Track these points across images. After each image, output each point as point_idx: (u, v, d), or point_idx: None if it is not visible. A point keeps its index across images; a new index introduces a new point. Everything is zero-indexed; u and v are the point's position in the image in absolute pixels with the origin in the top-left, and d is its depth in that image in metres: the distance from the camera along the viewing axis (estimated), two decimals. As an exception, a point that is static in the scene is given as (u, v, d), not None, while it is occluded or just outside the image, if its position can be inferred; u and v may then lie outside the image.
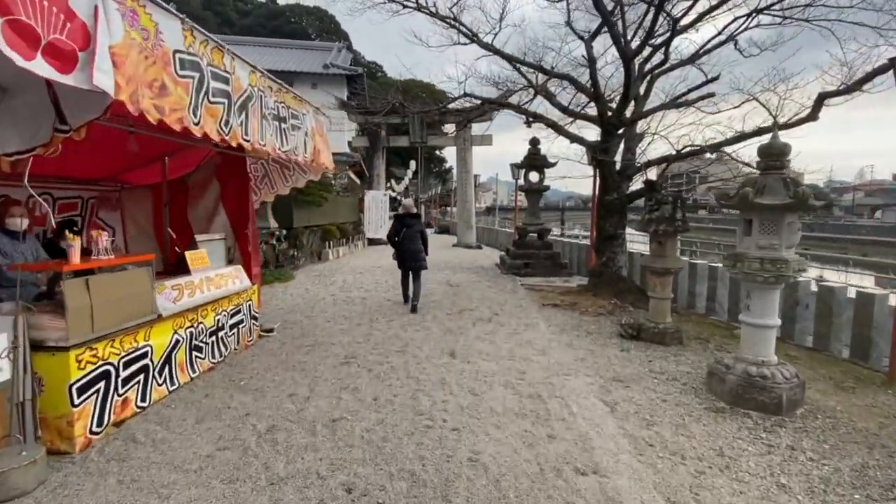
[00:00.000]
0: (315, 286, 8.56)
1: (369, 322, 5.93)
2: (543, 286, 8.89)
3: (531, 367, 4.37)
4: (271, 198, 5.75)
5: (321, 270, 10.75)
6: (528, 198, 11.04)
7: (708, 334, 5.86)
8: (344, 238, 14.71)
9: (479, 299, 7.43)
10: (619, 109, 7.09)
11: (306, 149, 4.64)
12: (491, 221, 31.84)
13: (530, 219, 10.90)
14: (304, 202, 11.83)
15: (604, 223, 7.83)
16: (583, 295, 7.75)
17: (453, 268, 11.36)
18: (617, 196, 7.71)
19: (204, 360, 4.02)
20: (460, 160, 16.75)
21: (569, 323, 6.16)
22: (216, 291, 4.19)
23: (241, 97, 3.45)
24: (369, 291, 8.08)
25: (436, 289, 8.34)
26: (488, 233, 20.11)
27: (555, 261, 10.47)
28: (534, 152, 10.68)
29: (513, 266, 10.33)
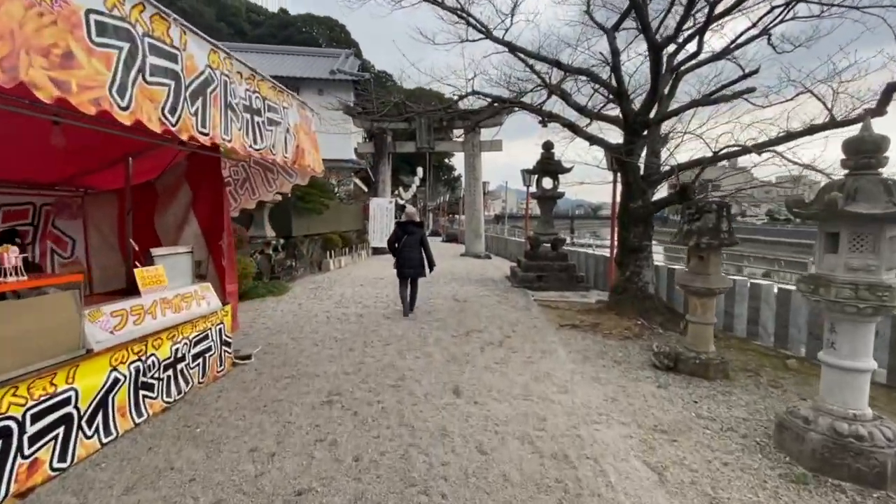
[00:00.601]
0: (310, 300, 7.88)
1: (363, 346, 5.20)
2: (559, 302, 8.09)
3: (552, 410, 3.59)
4: (252, 205, 5.09)
5: (320, 282, 10.08)
6: (541, 205, 10.29)
7: (756, 365, 5.04)
8: (347, 247, 14.08)
9: (488, 318, 6.67)
10: (646, 107, 6.34)
11: (286, 148, 3.97)
12: (500, 230, 31.07)
13: (543, 228, 10.14)
14: (303, 209, 11.23)
15: (627, 234, 7.04)
16: (604, 314, 6.95)
17: (461, 280, 10.62)
18: (642, 204, 6.93)
19: (156, 399, 3.32)
20: (469, 166, 16.08)
21: (592, 349, 5.37)
22: (174, 316, 3.50)
23: (195, 80, 2.78)
24: (367, 307, 7.36)
25: (441, 305, 7.60)
26: (498, 242, 19.35)
27: (570, 274, 9.68)
28: (547, 157, 9.96)
29: (525, 279, 9.56)
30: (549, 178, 10.02)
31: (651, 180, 7.05)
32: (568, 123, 7.08)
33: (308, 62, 22.69)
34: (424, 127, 15.86)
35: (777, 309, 5.90)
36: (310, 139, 4.53)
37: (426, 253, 6.83)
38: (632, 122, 6.47)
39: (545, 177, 10.03)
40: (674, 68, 6.42)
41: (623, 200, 7.19)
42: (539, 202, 10.27)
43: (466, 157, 16.05)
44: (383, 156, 16.64)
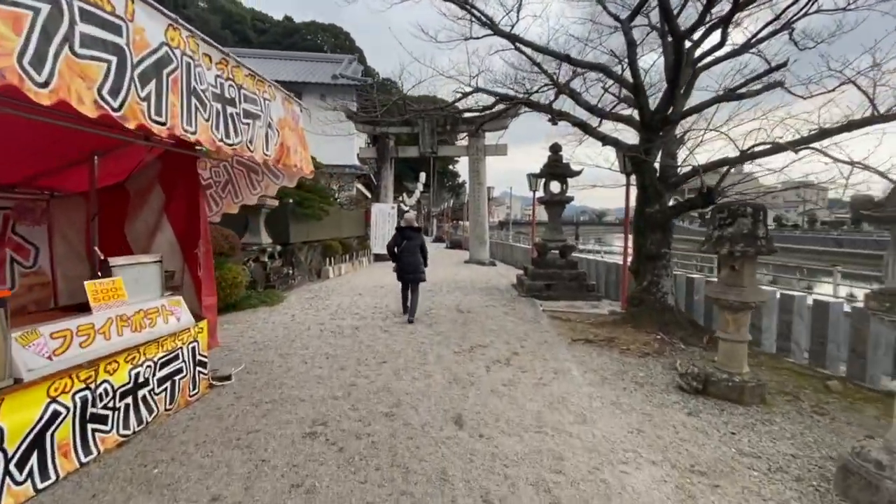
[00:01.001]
0: (305, 311, 7.42)
1: (356, 364, 4.72)
2: (570, 314, 7.58)
3: (570, 445, 3.09)
4: (235, 209, 4.65)
5: (317, 291, 9.63)
6: (549, 210, 9.81)
7: (793, 386, 4.51)
8: (347, 254, 13.65)
9: (494, 331, 6.17)
10: (664, 103, 5.87)
11: (268, 144, 3.53)
12: (504, 236, 30.58)
13: (551, 234, 9.65)
14: (302, 216, 10.82)
15: (644, 240, 6.54)
16: (620, 327, 6.43)
17: (464, 288, 10.13)
18: (659, 208, 6.44)
19: (109, 433, 2.86)
20: (473, 171, 15.65)
21: (609, 368, 4.86)
22: (135, 335, 3.05)
23: (147, 59, 2.35)
24: (364, 318, 6.89)
25: (443, 316, 7.11)
26: (502, 248, 18.85)
27: (580, 282, 9.16)
28: (555, 160, 9.49)
29: (532, 288, 9.05)
30: (557, 181, 9.54)
31: (669, 183, 6.56)
32: (579, 122, 6.62)
33: (311, 67, 22.49)
34: (427, 131, 15.48)
35: (812, 324, 5.37)
36: (297, 136, 4.09)
37: (423, 256, 6.98)
38: (649, 120, 5.99)
39: (553, 180, 9.56)
40: (693, 62, 5.95)
41: (638, 205, 6.70)
42: (546, 207, 9.79)
43: (470, 162, 15.63)
44: (385, 161, 16.26)
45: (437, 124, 15.32)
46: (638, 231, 6.69)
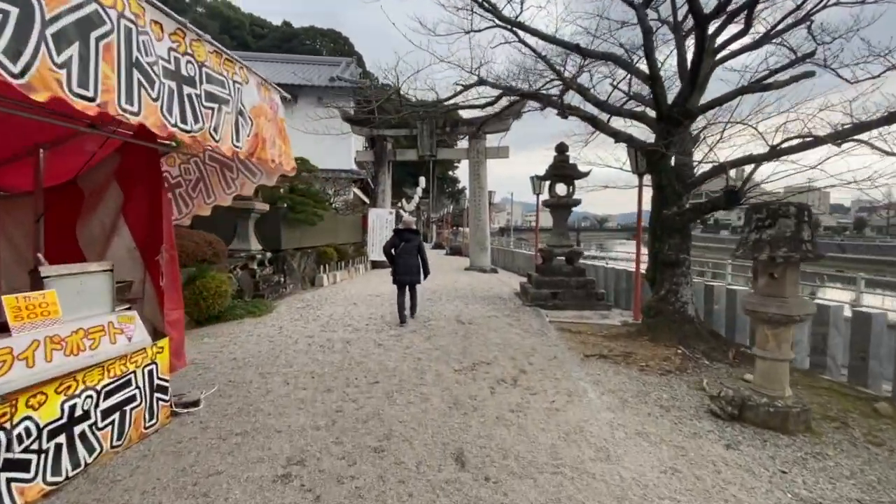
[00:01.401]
0: (293, 323, 6.89)
1: (344, 385, 4.19)
2: (579, 325, 7.05)
3: (594, 492, 2.56)
4: (207, 210, 4.15)
5: (310, 300, 9.11)
6: (554, 214, 9.31)
7: (838, 410, 3.98)
8: (343, 261, 13.14)
9: (498, 345, 5.65)
10: (685, 93, 5.39)
11: (237, 134, 3.03)
12: (506, 242, 30.09)
13: (557, 239, 9.15)
14: (295, 221, 10.34)
15: (661, 245, 6.04)
16: (636, 340, 5.90)
17: (465, 297, 9.60)
18: (678, 210, 5.94)
19: (32, 482, 2.33)
20: (473, 175, 15.18)
21: (628, 388, 4.33)
22: (68, 360, 2.53)
23: (65, 15, 1.86)
24: (358, 331, 6.36)
25: (443, 328, 6.58)
26: (504, 255, 18.35)
27: (588, 290, 8.65)
28: (561, 160, 9.02)
29: (538, 297, 8.53)
30: (564, 183, 9.06)
31: (686, 183, 6.07)
32: (589, 117, 6.15)
33: (307, 70, 22.13)
34: (426, 133, 15.04)
35: (852, 337, 4.85)
36: (275, 127, 3.61)
37: (422, 260, 6.93)
38: (667, 112, 5.51)
39: (559, 182, 9.08)
40: (714, 50, 5.49)
41: (654, 207, 6.20)
42: (552, 211, 9.30)
43: (471, 165, 15.17)
44: (383, 164, 15.80)
45: (435, 126, 14.89)
46: (654, 235, 6.19)
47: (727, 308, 6.47)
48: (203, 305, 6.56)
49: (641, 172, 7.49)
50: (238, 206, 8.79)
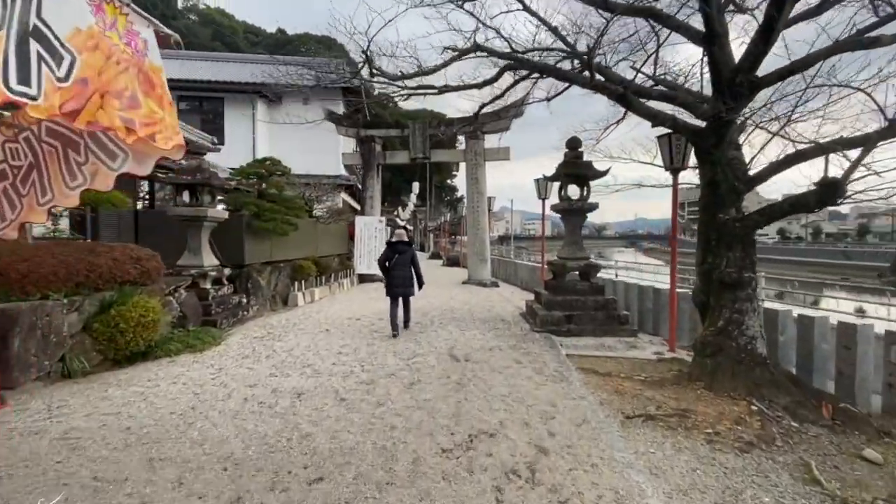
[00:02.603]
0: (239, 362, 5.38)
1: (268, 485, 2.68)
2: (606, 360, 5.56)
3: None
4: (42, 216, 2.67)
5: (274, 325, 7.60)
6: (566, 221, 7.86)
7: None
8: (324, 275, 11.64)
9: (504, 399, 4.14)
10: (751, 56, 3.96)
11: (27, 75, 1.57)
12: (506, 251, 28.59)
13: (570, 250, 7.68)
14: (262, 231, 8.86)
15: (716, 260, 4.57)
16: (687, 387, 4.41)
17: (461, 319, 8.10)
18: (738, 214, 4.51)
19: None
20: (471, 179, 13.76)
21: (704, 480, 2.83)
22: None
23: None
24: (318, 375, 4.85)
25: (431, 368, 5.07)
26: (506, 266, 16.85)
27: (609, 313, 7.16)
28: (574, 157, 7.59)
29: (548, 320, 7.04)
30: (577, 185, 7.62)
31: (748, 178, 4.63)
32: (619, 94, 4.72)
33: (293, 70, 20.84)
34: (419, 133, 13.66)
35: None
36: (138, 78, 2.15)
37: (416, 271, 6.96)
38: (729, 81, 4.07)
39: (571, 184, 7.64)
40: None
41: (705, 210, 4.75)
42: (563, 216, 7.84)
43: (468, 168, 13.76)
44: (371, 167, 14.39)
45: (429, 125, 13.52)
46: (705, 247, 4.72)
47: (799, 340, 5.01)
48: (121, 341, 5.05)
49: (677, 168, 6.07)
50: (185, 214, 7.34)
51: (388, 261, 6.81)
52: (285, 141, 18.78)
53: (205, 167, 7.50)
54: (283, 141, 18.80)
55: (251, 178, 9.28)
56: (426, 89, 5.93)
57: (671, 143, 6.00)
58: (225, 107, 18.07)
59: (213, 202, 7.78)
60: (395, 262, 6.78)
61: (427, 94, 5.91)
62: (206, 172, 7.37)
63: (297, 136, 19.44)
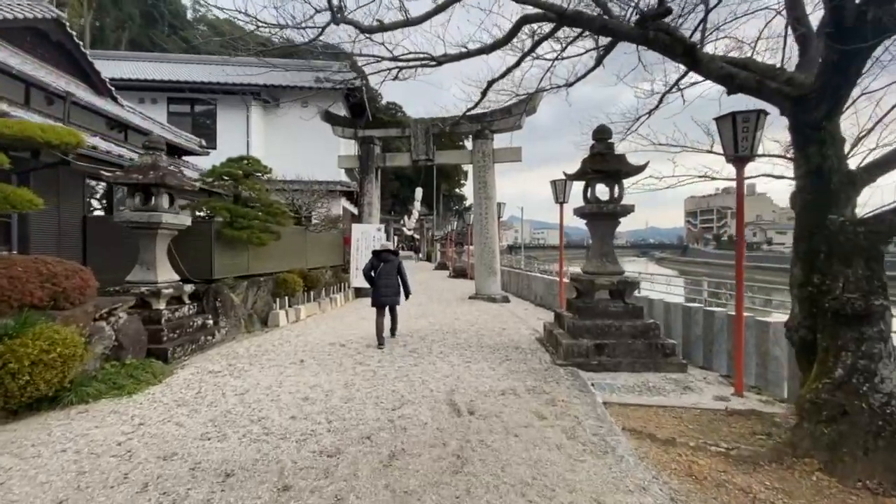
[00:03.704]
0: (171, 412, 4.09)
1: None
2: (659, 414, 4.16)
3: None
4: None
5: (240, 354, 6.31)
6: (594, 227, 6.50)
7: None
8: (314, 289, 10.38)
9: (524, 492, 2.77)
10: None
11: None
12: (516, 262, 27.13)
13: (598, 263, 6.31)
14: (234, 240, 7.64)
15: (827, 281, 3.19)
16: (794, 470, 3.00)
17: (466, 346, 6.74)
18: (856, 217, 3.14)
19: None
20: (479, 182, 12.47)
21: None
22: None
23: None
24: (268, 438, 3.52)
25: (423, 426, 3.71)
26: (517, 279, 15.43)
27: (650, 340, 5.76)
28: (603, 152, 6.26)
29: (574, 350, 5.66)
30: (606, 183, 6.28)
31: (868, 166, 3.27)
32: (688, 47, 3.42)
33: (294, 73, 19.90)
34: (421, 132, 12.45)
35: None
36: None
37: (402, 280, 6.86)
38: (854, 19, 2.74)
39: (598, 182, 6.30)
40: None
41: (809, 209, 3.38)
42: (590, 222, 6.48)
43: (475, 171, 12.48)
44: (370, 171, 13.18)
45: (432, 124, 12.30)
46: (809, 261, 3.34)
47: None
48: (12, 385, 3.79)
49: (743, 157, 4.72)
50: (135, 220, 6.14)
51: (373, 270, 6.73)
52: (283, 145, 17.75)
53: (161, 164, 6.31)
54: (281, 145, 17.77)
55: (225, 180, 8.08)
56: (421, 60, 4.66)
57: (736, 125, 4.65)
58: (217, 109, 17.11)
59: (172, 206, 6.58)
60: (381, 272, 6.69)
61: (424, 65, 4.64)
62: (161, 170, 6.18)
63: (296, 139, 18.51)
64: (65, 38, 10.68)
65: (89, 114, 9.83)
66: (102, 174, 6.04)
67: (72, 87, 10.33)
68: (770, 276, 44.09)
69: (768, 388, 5.04)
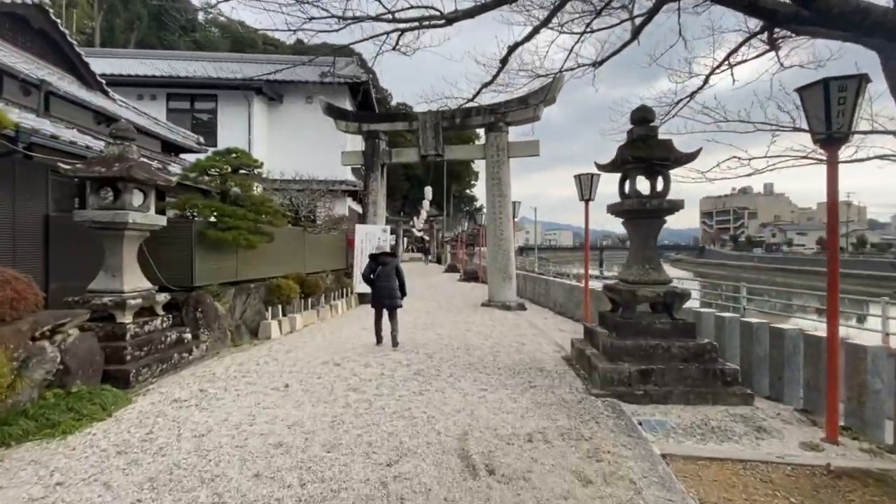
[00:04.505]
0: (104, 464, 3.20)
1: None
2: (740, 474, 3.13)
3: None
4: None
5: (220, 374, 5.43)
6: (635, 227, 5.46)
7: None
8: (313, 295, 9.51)
9: None
10: None
11: None
12: (529, 263, 26.03)
13: (640, 270, 5.27)
14: (221, 242, 6.79)
15: None
16: None
17: (481, 367, 5.77)
18: None
19: None
20: (492, 179, 11.48)
21: None
22: None
23: None
24: None
25: (423, 497, 2.75)
26: (534, 284, 14.39)
27: (705, 363, 4.73)
28: (645, 136, 5.23)
29: (615, 377, 4.65)
30: (647, 175, 5.26)
31: None
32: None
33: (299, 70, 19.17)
34: (430, 126, 11.52)
35: None
36: None
37: (400, 282, 6.92)
38: None
39: (638, 174, 5.27)
40: None
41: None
42: (628, 221, 5.45)
43: (489, 166, 11.50)
44: (375, 168, 12.28)
45: (442, 117, 11.36)
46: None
47: None
48: None
49: (838, 136, 3.68)
50: (98, 219, 5.31)
51: (371, 273, 6.83)
52: (286, 143, 16.99)
53: (129, 156, 5.47)
54: (284, 143, 17.02)
55: (211, 175, 7.24)
56: (427, 20, 3.72)
57: (828, 95, 3.62)
58: (218, 106, 16.41)
59: (144, 204, 5.74)
60: (379, 274, 6.81)
61: (431, 25, 3.71)
62: (129, 162, 5.33)
63: (300, 137, 17.73)
64: (48, 26, 9.98)
65: (73, 106, 9.11)
66: (60, 167, 5.24)
67: (54, 78, 9.61)
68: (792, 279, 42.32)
69: (865, 431, 3.98)
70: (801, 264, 53.26)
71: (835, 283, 3.80)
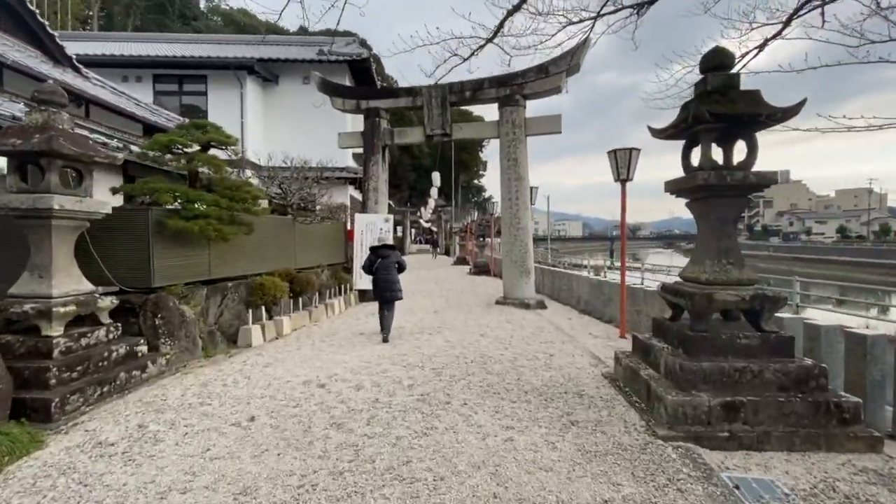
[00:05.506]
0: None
1: None
2: None
3: None
4: None
5: (173, 401, 4.31)
6: (705, 208, 4.16)
7: None
8: (305, 294, 8.39)
9: None
10: None
11: None
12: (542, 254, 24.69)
13: (716, 266, 3.98)
14: (185, 233, 5.65)
15: None
16: None
17: (500, 389, 4.57)
18: None
19: None
20: (507, 160, 10.18)
21: None
22: None
23: None
24: None
25: None
26: (552, 278, 13.11)
27: (812, 394, 3.48)
28: (724, 86, 3.90)
29: (689, 413, 3.42)
30: (727, 139, 3.95)
31: None
32: None
33: (296, 49, 17.90)
34: (436, 101, 10.24)
35: None
36: None
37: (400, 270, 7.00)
38: None
39: (715, 139, 3.96)
40: None
41: None
42: (698, 201, 4.15)
43: (503, 146, 10.18)
44: (375, 150, 11.04)
45: (449, 91, 10.05)
46: None
47: None
48: None
49: None
50: (16, 206, 4.18)
51: (372, 265, 6.85)
52: (283, 126, 15.80)
53: (54, 125, 4.32)
54: (280, 126, 15.83)
55: (175, 153, 6.08)
56: None
57: None
58: (209, 88, 15.25)
59: (82, 187, 4.60)
60: (379, 267, 6.82)
61: None
62: (51, 132, 4.18)
63: (298, 120, 16.47)
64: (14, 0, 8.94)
65: (31, 81, 8.02)
66: (-36, 140, 4.12)
67: (14, 53, 8.50)
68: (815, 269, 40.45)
69: None
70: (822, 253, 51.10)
71: None
